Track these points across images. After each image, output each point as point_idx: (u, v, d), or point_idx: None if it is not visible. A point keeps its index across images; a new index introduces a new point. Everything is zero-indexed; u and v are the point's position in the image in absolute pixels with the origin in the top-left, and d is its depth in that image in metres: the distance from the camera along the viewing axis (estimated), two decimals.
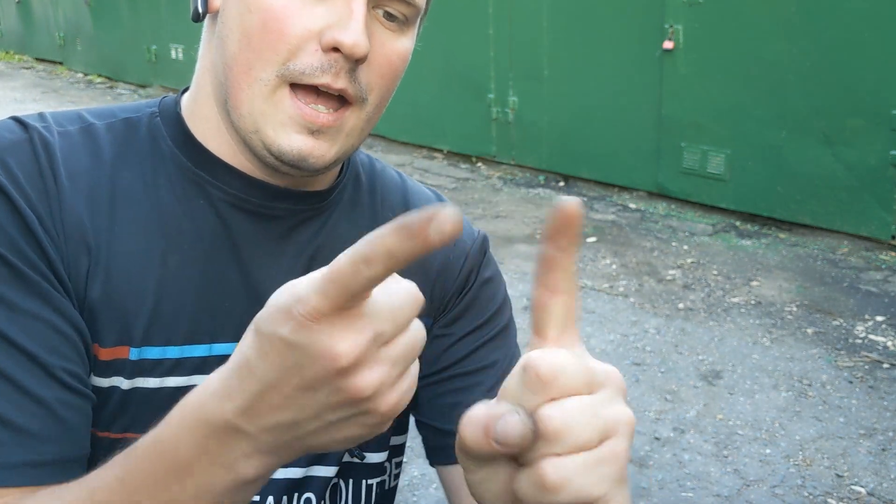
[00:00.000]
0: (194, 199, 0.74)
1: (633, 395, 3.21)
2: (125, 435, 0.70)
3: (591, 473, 0.43)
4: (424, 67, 6.58)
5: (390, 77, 0.72)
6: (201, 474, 0.51)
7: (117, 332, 0.69)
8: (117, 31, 10.27)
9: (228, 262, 0.75)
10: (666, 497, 2.63)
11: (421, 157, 6.90)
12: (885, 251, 4.47)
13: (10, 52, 13.20)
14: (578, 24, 5.57)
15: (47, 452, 0.63)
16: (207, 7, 0.73)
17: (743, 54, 4.74)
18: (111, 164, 0.72)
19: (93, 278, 0.68)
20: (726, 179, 5.03)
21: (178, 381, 0.72)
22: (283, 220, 0.77)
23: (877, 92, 4.27)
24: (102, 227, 0.70)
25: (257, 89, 0.68)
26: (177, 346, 0.72)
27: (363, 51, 0.66)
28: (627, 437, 0.46)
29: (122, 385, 0.70)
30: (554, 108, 5.90)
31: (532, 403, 0.44)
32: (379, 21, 0.69)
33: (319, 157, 0.70)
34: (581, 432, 0.43)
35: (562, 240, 0.45)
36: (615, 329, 3.76)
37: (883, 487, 2.63)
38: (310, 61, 0.66)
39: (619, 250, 4.75)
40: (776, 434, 2.94)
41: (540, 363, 0.44)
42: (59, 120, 0.74)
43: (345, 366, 0.45)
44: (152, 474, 0.53)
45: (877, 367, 3.34)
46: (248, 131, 0.70)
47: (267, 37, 0.67)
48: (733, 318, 3.84)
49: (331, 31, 0.66)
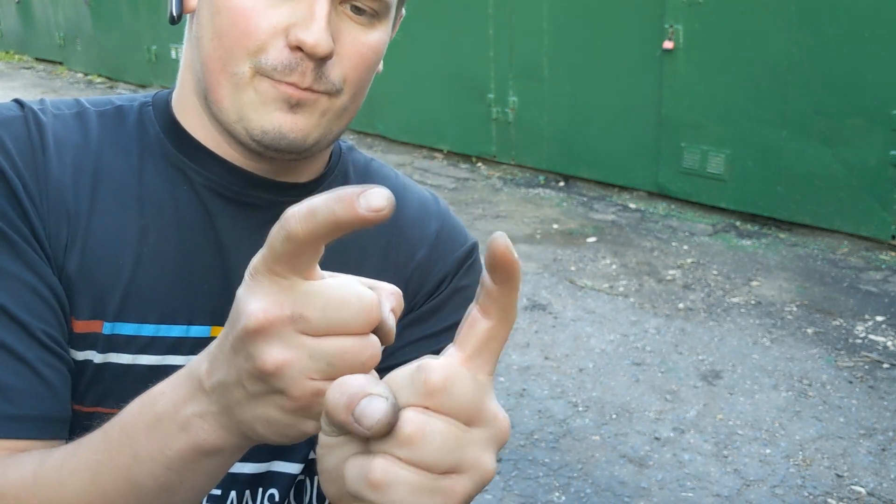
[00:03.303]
0: (178, 184, 0.76)
1: (633, 395, 3.21)
2: (96, 409, 0.72)
3: (416, 495, 0.42)
4: (424, 68, 6.58)
5: (363, 69, 0.73)
6: (163, 433, 0.53)
7: (91, 305, 0.71)
8: (117, 31, 10.28)
9: (208, 247, 0.76)
10: (666, 497, 2.62)
11: (421, 157, 6.90)
12: (885, 251, 4.47)
13: (10, 52, 13.20)
14: (578, 24, 5.57)
15: (28, 407, 0.64)
16: (182, 9, 0.75)
17: (743, 54, 4.74)
18: (98, 144, 0.75)
19: (71, 250, 0.70)
20: (726, 179, 5.03)
21: (151, 359, 0.73)
22: (265, 209, 0.78)
23: (877, 92, 4.27)
24: (84, 201, 0.72)
25: (234, 82, 0.70)
26: (152, 324, 0.73)
27: (325, 50, 0.67)
28: (474, 484, 0.43)
29: (94, 359, 0.72)
30: (554, 108, 5.90)
31: (407, 402, 0.43)
32: (347, 15, 0.71)
33: (299, 131, 0.71)
34: (431, 452, 0.42)
35: (496, 275, 0.43)
36: (615, 329, 3.76)
37: (883, 487, 2.63)
38: (279, 57, 0.69)
39: (619, 250, 4.75)
40: (776, 434, 2.94)
41: (434, 371, 0.43)
42: (56, 104, 0.78)
43: (251, 328, 0.45)
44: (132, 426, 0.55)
45: (877, 367, 3.34)
46: (231, 122, 0.72)
47: (236, 34, 0.69)
48: (733, 318, 3.84)
49: (294, 31, 0.68)
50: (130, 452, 0.55)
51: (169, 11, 0.76)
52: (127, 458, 0.55)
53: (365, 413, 0.41)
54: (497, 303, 0.44)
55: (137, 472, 0.55)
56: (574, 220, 5.30)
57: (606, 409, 3.13)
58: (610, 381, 3.32)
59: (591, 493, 2.66)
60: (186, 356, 0.73)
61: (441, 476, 0.42)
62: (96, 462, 0.57)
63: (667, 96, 5.18)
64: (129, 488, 0.56)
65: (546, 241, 4.96)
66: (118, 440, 0.56)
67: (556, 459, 2.83)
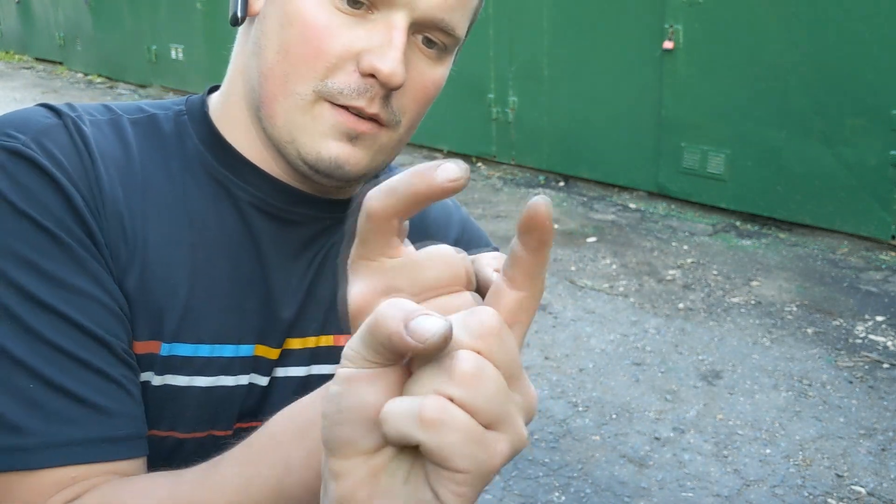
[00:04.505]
0: (220, 200, 0.74)
1: (633, 395, 3.21)
2: (151, 432, 0.70)
3: (467, 442, 0.37)
4: None
5: (423, 103, 0.72)
6: (312, 439, 0.53)
7: (150, 325, 0.69)
8: (117, 31, 10.28)
9: (251, 265, 0.74)
10: (666, 497, 2.62)
11: (421, 157, 6.90)
12: (885, 251, 4.47)
13: (10, 52, 13.20)
14: (578, 24, 5.57)
15: (123, 427, 0.63)
16: (247, 11, 0.72)
17: (743, 54, 4.74)
18: (140, 157, 0.72)
19: (130, 268, 0.68)
20: (726, 179, 5.03)
21: (206, 380, 0.72)
22: (305, 225, 0.77)
23: (877, 92, 4.27)
24: (138, 216, 0.69)
25: (293, 102, 0.68)
26: (207, 344, 0.71)
27: (399, 81, 0.66)
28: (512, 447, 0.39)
29: (153, 381, 0.70)
30: (554, 108, 5.90)
31: (460, 342, 0.39)
32: (418, 47, 0.69)
33: (355, 164, 0.69)
34: (485, 398, 0.38)
35: (531, 240, 0.42)
36: (615, 329, 3.76)
37: (883, 487, 2.63)
38: (347, 81, 0.66)
39: (619, 250, 4.75)
40: (776, 434, 2.94)
41: (490, 314, 0.40)
42: (87, 110, 0.74)
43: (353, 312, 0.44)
44: (282, 434, 0.55)
45: (877, 367, 3.34)
46: (283, 141, 0.70)
47: (306, 52, 0.66)
48: (733, 318, 3.84)
49: (369, 57, 0.65)
50: (282, 463, 0.54)
51: (232, 12, 0.72)
52: (279, 470, 0.55)
53: (422, 326, 0.37)
54: (527, 272, 0.42)
55: (288, 482, 0.55)
56: (574, 220, 5.30)
57: (606, 409, 3.13)
58: (610, 381, 3.32)
59: (591, 493, 2.66)
60: (236, 377, 0.73)
61: (486, 430, 0.39)
62: (245, 476, 0.56)
63: (667, 96, 5.18)
64: (279, 499, 0.55)
65: None
66: (269, 451, 0.55)
67: (556, 459, 2.83)
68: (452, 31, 0.69)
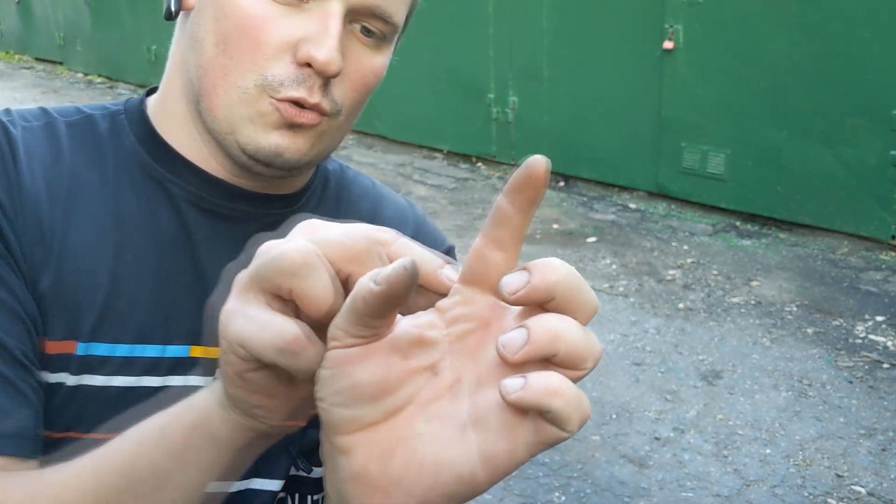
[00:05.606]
0: (155, 198, 0.74)
1: (633, 395, 3.21)
2: (67, 433, 0.69)
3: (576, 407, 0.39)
4: (424, 68, 6.58)
5: (363, 91, 0.72)
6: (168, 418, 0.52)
7: (65, 325, 0.68)
8: (117, 31, 10.27)
9: (185, 263, 0.74)
10: (666, 497, 2.62)
11: (421, 157, 6.89)
12: (885, 251, 4.47)
13: (10, 52, 13.20)
14: (578, 24, 5.57)
15: (9, 423, 0.62)
16: (181, 5, 0.72)
17: (743, 54, 4.74)
18: (70, 159, 0.72)
19: (45, 268, 0.68)
20: (726, 179, 5.03)
21: (126, 380, 0.70)
22: (244, 222, 0.76)
23: (877, 92, 4.27)
24: (58, 218, 0.69)
25: (235, 95, 0.68)
26: (126, 344, 0.70)
27: (335, 69, 0.66)
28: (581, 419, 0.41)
29: (67, 381, 0.69)
30: (554, 108, 5.90)
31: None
32: (355, 36, 0.69)
33: (296, 151, 0.69)
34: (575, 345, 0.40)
35: (521, 199, 0.41)
36: (615, 329, 3.76)
37: (883, 487, 2.63)
38: (285, 71, 0.66)
39: (619, 250, 4.75)
40: (776, 434, 2.94)
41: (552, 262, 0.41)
42: (23, 115, 0.74)
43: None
44: (139, 426, 0.54)
45: (877, 367, 3.34)
46: (223, 132, 0.70)
47: (244, 44, 0.66)
48: (733, 318, 3.84)
49: (306, 46, 0.65)
50: (135, 439, 0.54)
51: (166, 6, 0.72)
52: (131, 445, 0.54)
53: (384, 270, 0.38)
54: (513, 233, 0.42)
55: (138, 462, 0.54)
56: (574, 220, 5.30)
57: (606, 409, 3.13)
58: (610, 381, 3.32)
59: (591, 493, 2.66)
60: (163, 377, 0.71)
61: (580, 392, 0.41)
62: (98, 457, 0.56)
63: (667, 96, 5.18)
64: (127, 483, 0.54)
65: (546, 241, 4.96)
66: (124, 437, 0.55)
67: (556, 459, 2.83)
68: (389, 18, 0.69)
